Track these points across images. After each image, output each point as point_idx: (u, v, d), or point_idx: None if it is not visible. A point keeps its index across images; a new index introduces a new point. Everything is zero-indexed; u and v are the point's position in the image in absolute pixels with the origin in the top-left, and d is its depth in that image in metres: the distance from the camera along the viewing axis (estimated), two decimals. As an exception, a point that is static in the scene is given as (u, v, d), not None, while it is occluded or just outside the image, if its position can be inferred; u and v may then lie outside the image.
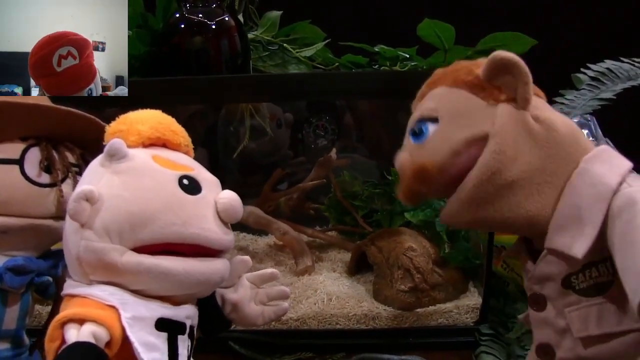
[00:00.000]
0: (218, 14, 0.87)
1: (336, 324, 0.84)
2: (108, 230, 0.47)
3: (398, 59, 0.88)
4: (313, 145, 1.12)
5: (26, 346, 0.59)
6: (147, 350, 0.46)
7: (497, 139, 0.46)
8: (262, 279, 0.62)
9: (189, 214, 0.48)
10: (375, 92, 0.89)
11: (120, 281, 0.48)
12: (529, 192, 0.47)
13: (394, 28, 0.90)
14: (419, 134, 0.51)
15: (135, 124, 0.52)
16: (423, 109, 0.52)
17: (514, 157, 0.46)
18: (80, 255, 0.48)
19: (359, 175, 1.11)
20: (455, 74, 0.51)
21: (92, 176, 0.51)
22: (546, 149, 0.47)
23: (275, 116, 1.14)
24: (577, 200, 0.46)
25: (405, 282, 0.85)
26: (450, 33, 0.81)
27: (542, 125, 0.48)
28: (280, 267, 1.02)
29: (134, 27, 0.89)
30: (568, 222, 0.46)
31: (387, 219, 0.99)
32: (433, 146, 0.50)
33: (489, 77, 0.49)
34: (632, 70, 0.88)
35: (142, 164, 0.50)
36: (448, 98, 0.51)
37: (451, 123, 0.49)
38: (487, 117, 0.48)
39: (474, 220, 0.50)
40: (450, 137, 0.49)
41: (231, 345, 0.79)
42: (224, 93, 0.88)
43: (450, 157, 0.48)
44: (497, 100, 0.48)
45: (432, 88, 0.53)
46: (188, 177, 0.50)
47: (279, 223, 1.04)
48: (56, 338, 0.44)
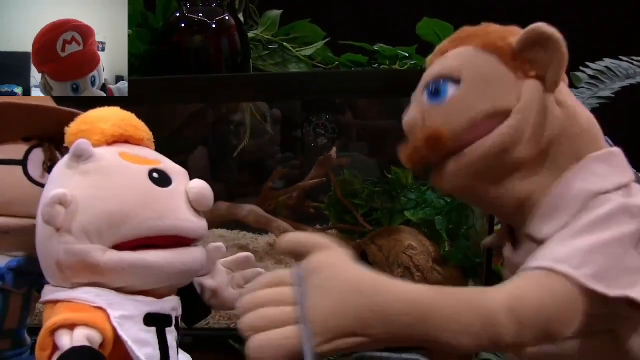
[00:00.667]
0: (218, 13, 0.87)
1: (336, 322, 0.84)
2: (87, 231, 0.47)
3: (397, 58, 0.88)
4: (313, 144, 1.12)
5: (28, 345, 0.59)
6: (140, 346, 0.46)
7: (520, 115, 0.44)
8: (237, 264, 0.63)
9: (164, 207, 0.49)
10: (375, 90, 0.89)
11: (103, 281, 0.48)
12: (527, 174, 0.45)
13: (394, 27, 0.90)
14: (436, 93, 0.46)
15: (98, 122, 0.52)
16: (445, 66, 0.47)
17: (528, 138, 0.44)
18: (61, 260, 0.48)
19: (359, 174, 1.11)
20: (486, 37, 0.47)
21: (60, 179, 0.50)
22: (560, 137, 0.45)
23: (260, 112, 1.14)
24: (570, 193, 0.44)
25: (405, 280, 0.85)
26: (449, 32, 0.81)
27: (564, 112, 0.45)
28: (280, 265, 1.02)
29: (134, 26, 0.89)
30: (556, 213, 0.44)
31: (387, 218, 0.99)
32: (451, 111, 0.45)
33: (523, 49, 0.45)
34: (631, 69, 0.88)
35: (111, 162, 0.50)
36: (475, 61, 0.46)
37: (475, 90, 0.45)
38: (513, 90, 0.44)
39: (466, 189, 0.47)
40: (472, 106, 0.45)
41: (231, 343, 0.80)
42: (224, 92, 0.88)
43: (468, 127, 0.45)
44: (526, 75, 0.45)
45: (457, 46, 0.48)
46: (157, 170, 0.51)
47: (279, 222, 1.04)
48: (47, 346, 0.44)
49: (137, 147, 0.53)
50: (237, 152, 1.12)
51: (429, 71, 0.49)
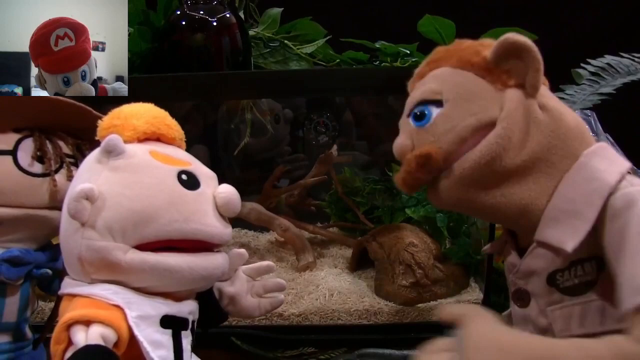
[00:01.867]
0: (219, 11, 0.87)
1: (338, 319, 0.84)
2: (111, 228, 0.47)
3: (399, 55, 0.88)
4: (314, 142, 1.12)
5: (29, 340, 0.59)
6: (154, 348, 0.46)
7: (504, 123, 0.44)
8: (258, 272, 0.62)
9: (190, 210, 0.48)
10: (376, 88, 0.89)
11: (123, 280, 0.48)
12: (525, 180, 0.45)
13: (395, 24, 0.90)
14: (421, 117, 0.47)
15: (130, 118, 0.51)
16: (425, 90, 0.48)
17: (517, 145, 0.44)
18: (82, 255, 0.47)
19: (360, 172, 1.11)
20: (460, 54, 0.48)
21: (89, 173, 0.50)
22: (550, 138, 0.45)
23: (273, 112, 1.14)
24: (572, 194, 0.44)
25: (407, 278, 0.85)
26: (450, 29, 0.81)
27: (549, 115, 0.46)
28: (281, 263, 1.02)
29: (136, 24, 0.89)
30: (561, 215, 0.44)
31: (388, 215, 0.99)
32: (438, 131, 0.46)
33: (498, 61, 0.46)
34: (632, 66, 0.88)
35: (141, 160, 0.49)
36: (453, 80, 0.47)
37: (458, 108, 0.46)
38: (495, 102, 0.45)
39: (463, 201, 0.47)
40: (457, 123, 0.46)
41: (234, 340, 0.80)
42: (225, 90, 0.88)
43: (457, 144, 0.46)
44: (505, 85, 0.46)
45: (433, 68, 0.50)
46: (186, 172, 0.50)
47: (280, 219, 1.04)
48: (62, 340, 0.43)
49: (168, 146, 0.53)
50: (238, 149, 1.12)
51: (411, 97, 0.50)
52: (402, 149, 0.49)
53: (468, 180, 0.46)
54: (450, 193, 0.47)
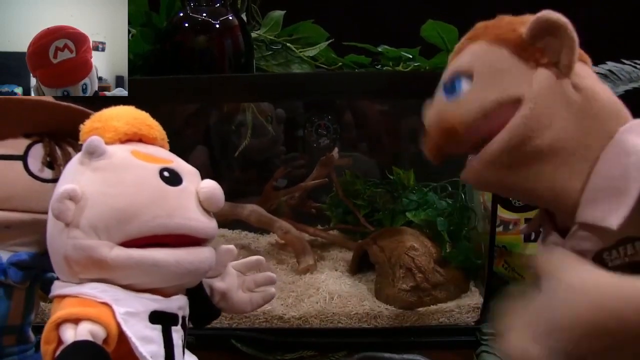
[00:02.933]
0: (222, 13, 0.87)
1: (338, 322, 0.84)
2: (95, 227, 0.47)
3: (401, 60, 0.88)
4: (315, 144, 1.13)
5: (32, 343, 0.59)
6: (144, 343, 0.46)
7: (531, 103, 0.44)
8: (248, 266, 0.63)
9: (173, 206, 0.49)
10: (378, 92, 0.89)
11: (110, 277, 0.48)
12: (558, 163, 0.45)
13: (397, 28, 0.90)
14: (451, 90, 0.48)
15: (111, 120, 0.52)
16: (459, 63, 0.49)
17: (546, 125, 0.44)
18: (69, 254, 0.48)
19: (361, 175, 1.11)
20: (497, 30, 0.48)
21: (72, 175, 0.50)
22: (583, 119, 0.44)
23: (266, 113, 1.14)
24: (611, 171, 0.43)
25: (407, 281, 0.85)
26: (453, 34, 0.82)
27: (582, 95, 0.45)
28: (282, 265, 1.02)
29: (138, 26, 0.89)
30: (601, 194, 0.43)
31: (388, 218, 0.99)
32: (464, 105, 0.47)
33: (533, 38, 0.45)
34: (634, 72, 0.88)
35: (122, 160, 0.50)
36: (486, 55, 0.47)
37: (486, 82, 0.46)
38: (524, 79, 0.45)
39: (495, 183, 0.48)
40: (483, 97, 0.46)
41: (233, 343, 0.80)
42: (227, 92, 0.88)
43: (481, 118, 0.46)
44: (538, 63, 0.45)
45: (471, 42, 0.50)
46: (168, 169, 0.51)
47: (280, 222, 1.04)
48: (52, 340, 0.44)
49: (150, 146, 0.53)
50: (239, 151, 1.12)
51: (446, 70, 0.50)
52: (430, 119, 0.50)
53: (498, 162, 0.46)
54: (481, 175, 0.47)
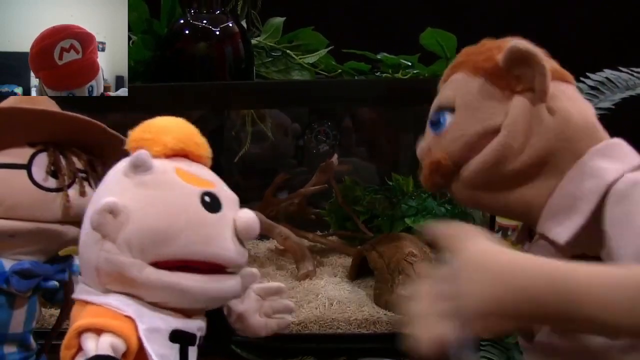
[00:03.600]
0: (222, 20, 0.87)
1: (337, 328, 0.84)
2: (130, 244, 0.47)
3: (400, 67, 0.89)
4: (315, 150, 1.13)
5: (33, 350, 0.59)
6: None
7: (506, 131, 0.46)
8: (269, 292, 0.62)
9: (210, 233, 0.49)
10: (377, 99, 0.90)
11: (137, 293, 0.48)
12: (530, 181, 0.47)
13: (397, 36, 0.91)
14: (437, 125, 0.51)
15: (160, 134, 0.51)
16: (442, 98, 0.52)
17: (519, 150, 0.46)
18: (100, 266, 0.47)
19: (360, 181, 1.11)
20: (475, 60, 0.50)
21: (115, 186, 0.50)
22: (555, 141, 0.47)
23: (283, 125, 1.15)
24: (572, 190, 0.45)
25: (406, 287, 0.85)
26: (452, 42, 0.82)
27: (556, 117, 0.47)
28: (281, 271, 1.03)
29: (139, 33, 0.90)
30: (559, 210, 0.46)
31: (387, 224, 1.00)
32: (448, 138, 0.49)
33: (507, 67, 0.48)
34: (631, 80, 0.89)
35: (167, 179, 0.49)
36: (466, 87, 0.50)
37: (466, 115, 0.49)
38: (501, 109, 0.48)
39: (473, 201, 0.51)
40: (465, 130, 0.48)
41: (233, 348, 0.80)
42: (227, 99, 0.89)
43: (465, 151, 0.48)
44: (514, 91, 0.48)
45: (454, 72, 0.52)
46: (210, 193, 0.50)
47: (280, 228, 1.04)
48: (73, 346, 0.44)
49: (194, 164, 0.53)
50: (238, 157, 1.12)
51: (433, 103, 0.53)
52: (421, 153, 0.53)
53: (475, 183, 0.49)
54: (461, 194, 0.51)
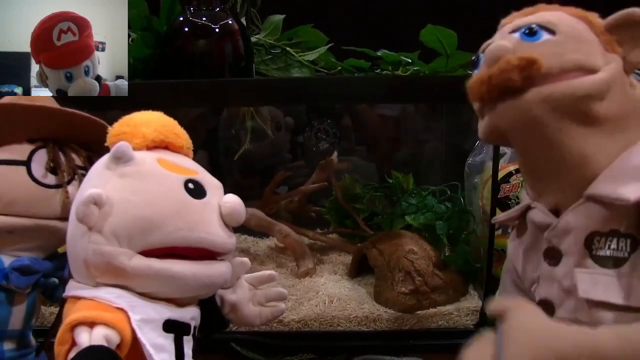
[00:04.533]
0: (222, 18, 0.87)
1: (337, 325, 0.84)
2: (117, 234, 0.47)
3: (400, 64, 0.89)
4: (314, 148, 1.13)
5: (32, 347, 0.59)
6: (157, 351, 0.46)
7: (606, 74, 0.46)
8: (261, 281, 0.63)
9: (196, 219, 0.49)
10: (377, 96, 0.90)
11: (127, 284, 0.48)
12: (598, 132, 0.47)
13: (397, 33, 0.91)
14: (533, 34, 0.47)
15: (140, 126, 0.52)
16: (540, 18, 0.49)
17: (607, 98, 0.46)
18: (88, 259, 0.48)
19: (360, 178, 1.11)
20: (575, 10, 0.50)
21: (97, 179, 0.50)
22: (631, 112, 0.47)
23: (275, 119, 1.15)
24: (629, 162, 0.45)
25: (406, 285, 0.85)
26: (452, 39, 0.82)
27: (636, 91, 0.48)
28: (281, 269, 1.03)
29: (138, 30, 0.90)
30: (622, 176, 0.45)
31: (388, 222, 1.00)
32: (544, 50, 0.46)
33: (613, 28, 0.48)
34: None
35: (149, 168, 0.50)
36: (570, 21, 0.49)
37: (569, 42, 0.47)
38: (601, 57, 0.47)
39: (536, 122, 0.47)
40: (564, 54, 0.46)
41: (233, 346, 0.80)
42: (226, 96, 0.89)
43: (558, 70, 0.46)
44: (614, 50, 0.48)
45: (544, 9, 0.51)
46: (193, 181, 0.51)
47: (280, 225, 1.04)
48: (66, 341, 0.44)
49: (176, 154, 0.53)
50: (238, 155, 1.13)
51: (520, 20, 0.50)
52: (501, 51, 0.47)
53: (556, 105, 0.46)
54: (532, 107, 0.46)
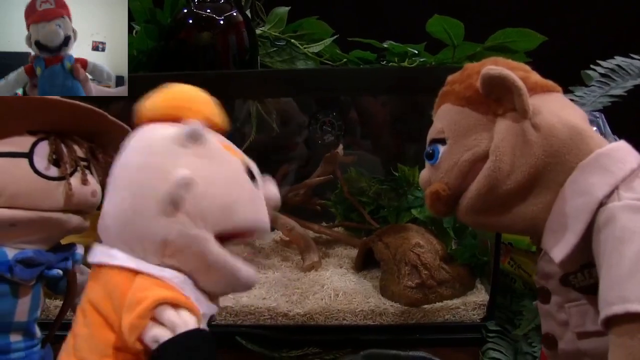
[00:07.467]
0: (226, 10, 0.87)
1: (343, 319, 0.84)
2: (204, 218, 0.46)
3: (406, 55, 0.88)
4: (320, 141, 1.12)
5: (38, 339, 0.59)
6: None
7: (494, 156, 0.49)
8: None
9: (259, 204, 0.50)
10: (383, 88, 0.89)
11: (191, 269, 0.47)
12: (526, 198, 0.50)
13: (403, 24, 0.90)
14: (431, 157, 0.55)
15: (196, 103, 0.51)
16: (433, 131, 0.55)
17: (510, 171, 0.49)
18: (171, 239, 0.46)
19: (366, 172, 1.11)
20: (457, 89, 0.53)
21: (175, 158, 0.47)
22: (543, 157, 0.49)
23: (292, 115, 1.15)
24: (565, 208, 0.47)
25: (412, 279, 0.85)
26: (459, 29, 0.81)
27: (541, 133, 0.49)
28: (286, 262, 1.02)
29: (142, 22, 0.89)
30: (556, 227, 0.48)
31: (393, 215, 0.99)
32: (444, 168, 0.53)
33: (486, 93, 0.51)
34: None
35: (217, 151, 0.49)
36: (452, 118, 0.53)
37: (456, 145, 0.52)
38: (487, 134, 0.51)
39: (478, 224, 0.55)
40: (457, 160, 0.52)
41: (238, 340, 0.80)
42: (231, 88, 0.88)
43: (460, 178, 0.52)
44: (496, 114, 0.51)
45: (441, 103, 0.56)
46: (247, 164, 0.51)
47: (285, 219, 1.04)
48: (147, 317, 0.43)
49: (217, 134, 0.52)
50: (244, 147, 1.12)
51: (427, 136, 0.57)
52: (423, 183, 0.57)
53: (475, 209, 0.52)
54: (466, 220, 0.54)
